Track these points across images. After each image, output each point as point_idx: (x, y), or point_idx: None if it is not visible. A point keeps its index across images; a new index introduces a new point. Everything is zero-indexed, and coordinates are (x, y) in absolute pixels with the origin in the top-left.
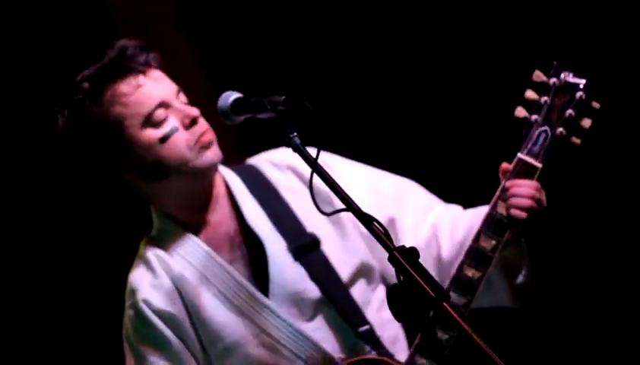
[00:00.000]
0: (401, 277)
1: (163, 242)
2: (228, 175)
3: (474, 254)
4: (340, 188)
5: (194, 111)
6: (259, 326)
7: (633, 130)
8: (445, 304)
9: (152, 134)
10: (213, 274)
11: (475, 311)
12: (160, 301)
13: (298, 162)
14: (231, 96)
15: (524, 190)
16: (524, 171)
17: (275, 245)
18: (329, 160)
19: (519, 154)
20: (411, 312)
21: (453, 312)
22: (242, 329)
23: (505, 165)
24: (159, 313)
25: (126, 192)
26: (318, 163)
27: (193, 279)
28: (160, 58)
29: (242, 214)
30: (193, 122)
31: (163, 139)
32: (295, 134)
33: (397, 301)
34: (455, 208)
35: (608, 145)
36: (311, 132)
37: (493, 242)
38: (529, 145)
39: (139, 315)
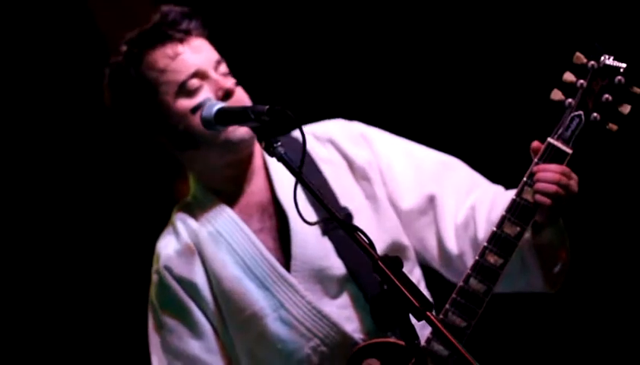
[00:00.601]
0: (385, 287)
1: (194, 208)
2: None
3: (497, 240)
4: (323, 198)
5: (229, 83)
6: (279, 300)
7: None
8: (428, 314)
9: (185, 103)
10: (239, 243)
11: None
12: (181, 267)
13: (338, 134)
14: (215, 106)
15: (550, 175)
16: (553, 156)
17: (301, 220)
18: (368, 133)
19: (549, 139)
20: (394, 321)
21: (437, 322)
22: (261, 301)
23: (536, 144)
24: (180, 280)
25: (163, 155)
26: (301, 169)
27: (217, 247)
28: (202, 25)
29: (274, 187)
30: (227, 94)
31: (195, 109)
32: (279, 143)
33: (380, 310)
34: (496, 189)
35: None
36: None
37: (517, 228)
38: (560, 130)
39: (161, 280)
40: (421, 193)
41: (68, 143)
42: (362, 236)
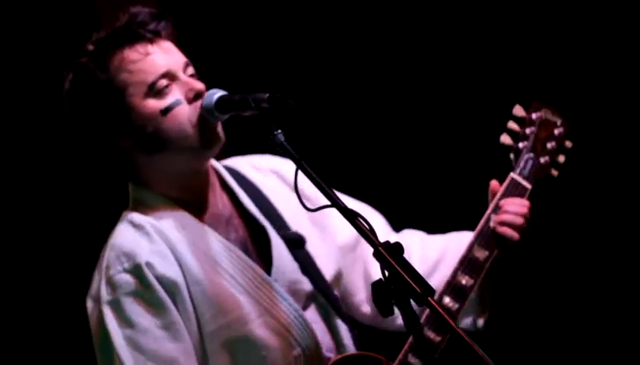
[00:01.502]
0: (386, 273)
1: (156, 215)
2: (214, 164)
3: (468, 263)
4: (325, 186)
5: (199, 85)
6: (265, 307)
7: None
8: (429, 299)
9: (154, 104)
10: (217, 251)
11: None
12: (162, 267)
13: (281, 166)
14: (215, 94)
15: (517, 208)
16: (515, 190)
17: (273, 234)
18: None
19: (512, 174)
20: (396, 307)
21: (438, 307)
22: (246, 307)
23: (495, 182)
24: (161, 279)
25: (118, 164)
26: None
27: (194, 253)
28: (171, 27)
29: (238, 199)
30: (197, 96)
31: (165, 111)
32: (279, 131)
33: (382, 297)
34: (420, 233)
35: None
36: (294, 129)
37: (486, 252)
38: (520, 168)
39: (140, 278)
40: (351, 230)
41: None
42: (362, 222)
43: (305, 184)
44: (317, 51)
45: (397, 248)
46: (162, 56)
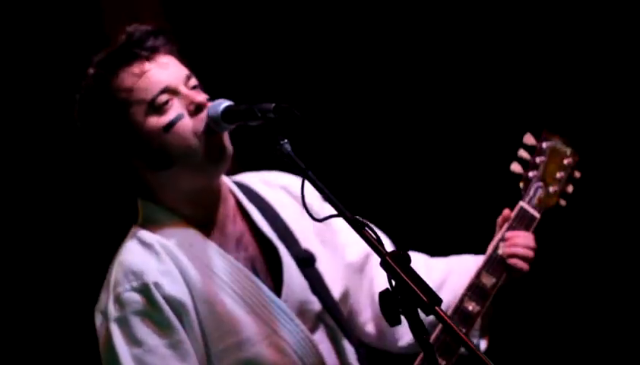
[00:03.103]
0: (393, 283)
1: (164, 233)
2: (227, 181)
3: (475, 289)
4: (332, 196)
5: (200, 97)
6: (271, 327)
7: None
8: (437, 308)
9: (156, 121)
10: (224, 270)
11: None
12: (170, 287)
13: (289, 182)
14: (222, 104)
15: (527, 241)
16: (524, 219)
17: (284, 253)
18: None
19: (521, 203)
20: (404, 316)
21: (445, 317)
22: (254, 327)
23: (507, 211)
24: (168, 299)
25: (127, 180)
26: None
27: (201, 272)
28: (170, 41)
29: (251, 217)
30: (198, 108)
31: (167, 127)
32: (285, 141)
33: (389, 306)
34: (423, 255)
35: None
36: (300, 139)
37: (493, 279)
38: (529, 197)
39: (148, 298)
40: (359, 250)
41: (69, 142)
42: (370, 232)
43: (312, 200)
44: (325, 61)
45: (404, 257)
46: (159, 72)
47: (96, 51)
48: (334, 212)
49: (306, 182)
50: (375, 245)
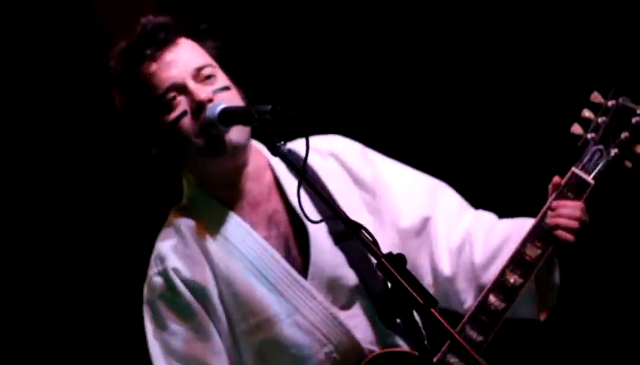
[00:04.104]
0: (389, 285)
1: (197, 213)
2: (267, 155)
3: (518, 261)
4: (328, 197)
5: (202, 95)
6: (294, 306)
7: None
8: (432, 310)
9: (164, 118)
10: (249, 249)
11: None
12: (189, 271)
13: (341, 149)
14: (219, 106)
15: (571, 212)
16: (576, 185)
17: (317, 228)
18: (369, 152)
19: (574, 168)
20: (400, 318)
21: (441, 319)
22: (276, 306)
23: (557, 178)
24: (188, 283)
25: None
26: (305, 171)
27: (226, 253)
28: (182, 30)
29: (285, 193)
30: (199, 108)
31: (173, 124)
32: (282, 142)
33: (385, 308)
34: (490, 216)
35: None
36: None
37: (539, 251)
38: (584, 161)
39: (168, 282)
40: (417, 214)
41: (70, 139)
42: (366, 234)
43: (359, 166)
44: (331, 59)
45: (400, 259)
46: (165, 70)
47: (88, 43)
48: (387, 166)
49: (350, 152)
50: (371, 248)
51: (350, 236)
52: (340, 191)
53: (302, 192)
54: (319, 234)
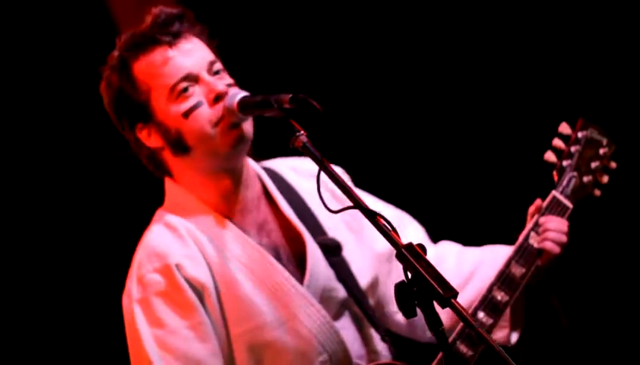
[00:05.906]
0: (409, 275)
1: (189, 217)
2: (254, 166)
3: (504, 278)
4: (349, 187)
5: (220, 86)
6: (292, 312)
7: None
8: (452, 300)
9: (177, 108)
10: (245, 255)
11: None
12: (191, 269)
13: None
14: (238, 95)
15: (559, 226)
16: (556, 208)
17: (310, 240)
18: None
19: (554, 192)
20: (419, 308)
21: (461, 309)
22: (273, 311)
23: (539, 201)
24: (190, 280)
25: (154, 163)
26: (325, 161)
27: (222, 256)
28: (195, 25)
29: (276, 204)
30: (217, 98)
31: (186, 114)
32: (301, 132)
33: (404, 298)
34: (456, 245)
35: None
36: (317, 130)
37: (523, 270)
38: (562, 187)
39: (170, 278)
40: (382, 246)
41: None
42: (383, 221)
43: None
44: (345, 49)
45: (420, 249)
46: (181, 59)
47: (104, 36)
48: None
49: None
50: (391, 237)
51: (334, 252)
52: (322, 211)
53: (287, 204)
54: (313, 246)
